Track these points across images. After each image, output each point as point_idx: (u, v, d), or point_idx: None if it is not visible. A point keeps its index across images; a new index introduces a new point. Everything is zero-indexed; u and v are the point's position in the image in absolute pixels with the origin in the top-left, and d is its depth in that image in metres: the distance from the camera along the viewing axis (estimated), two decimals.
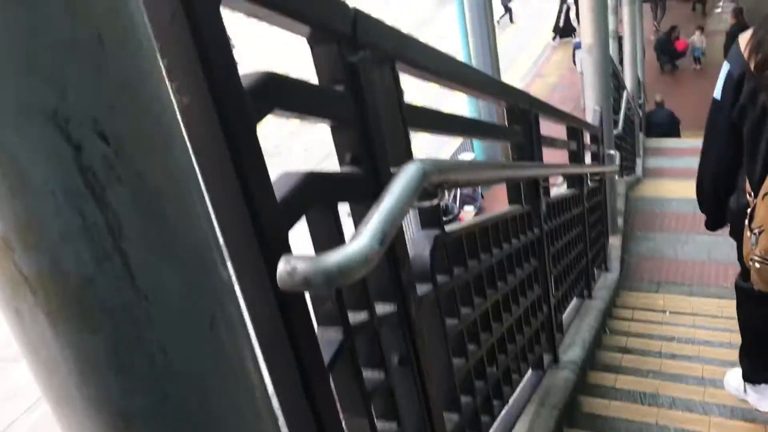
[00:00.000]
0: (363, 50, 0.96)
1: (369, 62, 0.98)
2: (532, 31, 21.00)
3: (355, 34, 0.94)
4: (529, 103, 2.13)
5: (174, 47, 0.64)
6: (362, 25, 0.96)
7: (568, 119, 3.20)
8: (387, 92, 1.09)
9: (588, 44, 4.45)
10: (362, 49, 0.96)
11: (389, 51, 1.09)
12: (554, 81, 17.26)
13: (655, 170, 9.42)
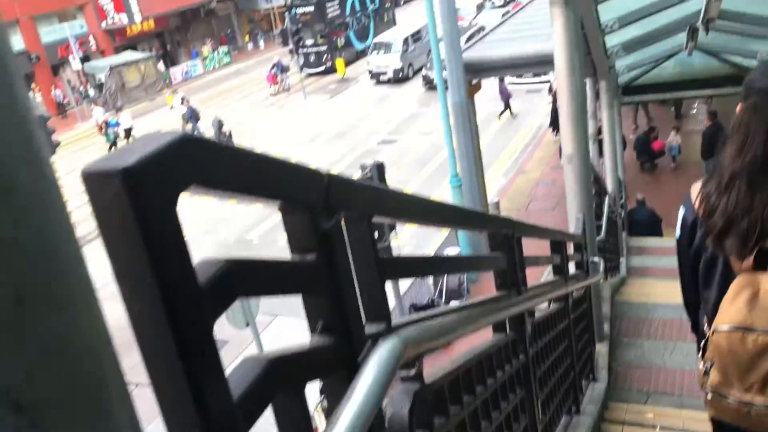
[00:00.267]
0: (337, 215, 0.93)
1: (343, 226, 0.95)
2: (514, 129, 21.59)
3: (329, 200, 0.91)
4: (511, 228, 2.10)
5: (123, 251, 0.59)
6: (336, 190, 0.93)
7: (551, 234, 3.19)
8: (363, 250, 1.05)
9: (568, 154, 4.53)
10: (336, 213, 0.93)
11: (365, 210, 1.05)
12: (537, 177, 17.58)
13: (640, 270, 9.45)
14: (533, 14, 14.46)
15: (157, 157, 0.60)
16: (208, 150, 0.67)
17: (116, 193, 0.59)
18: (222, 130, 21.67)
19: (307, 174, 0.87)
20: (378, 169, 9.95)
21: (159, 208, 0.61)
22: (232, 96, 32.23)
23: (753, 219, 1.77)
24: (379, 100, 27.43)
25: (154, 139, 0.63)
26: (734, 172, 1.83)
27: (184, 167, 0.63)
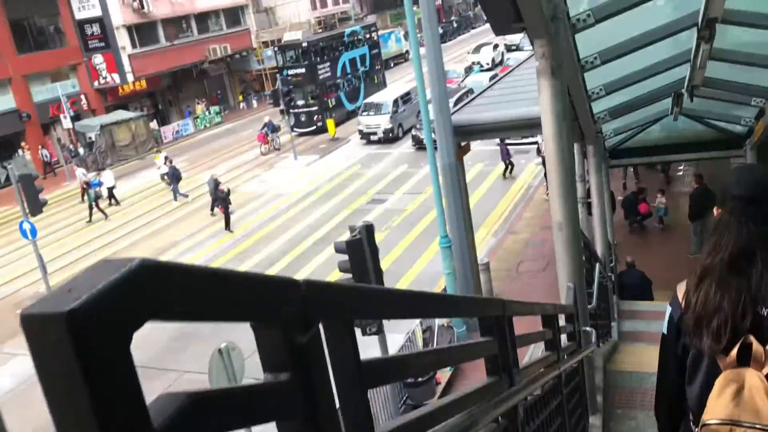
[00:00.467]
0: (314, 326, 0.86)
1: (321, 338, 0.88)
2: (504, 189, 21.72)
3: (306, 311, 0.84)
4: (502, 309, 2.03)
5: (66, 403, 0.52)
6: (315, 298, 0.86)
7: (542, 308, 3.12)
8: (344, 359, 0.97)
9: (558, 222, 4.50)
10: (314, 325, 0.86)
11: (347, 315, 0.98)
12: (526, 237, 17.60)
13: (631, 334, 9.35)
14: (520, 77, 14.73)
15: (107, 294, 0.53)
16: (169, 277, 0.60)
17: (59, 339, 0.52)
18: (219, 188, 21.54)
19: (281, 286, 0.80)
20: (367, 231, 9.87)
21: (108, 353, 0.54)
22: (222, 155, 32.39)
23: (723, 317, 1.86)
24: (369, 159, 27.63)
25: (106, 269, 0.56)
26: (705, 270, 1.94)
27: (139, 302, 0.56)
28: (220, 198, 21.18)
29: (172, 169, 25.34)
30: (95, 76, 36.01)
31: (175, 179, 25.25)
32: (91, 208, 24.24)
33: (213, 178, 22.59)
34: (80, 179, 25.97)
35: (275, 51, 35.99)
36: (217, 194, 21.32)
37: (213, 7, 41.98)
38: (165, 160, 26.33)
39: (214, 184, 22.22)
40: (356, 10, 59.60)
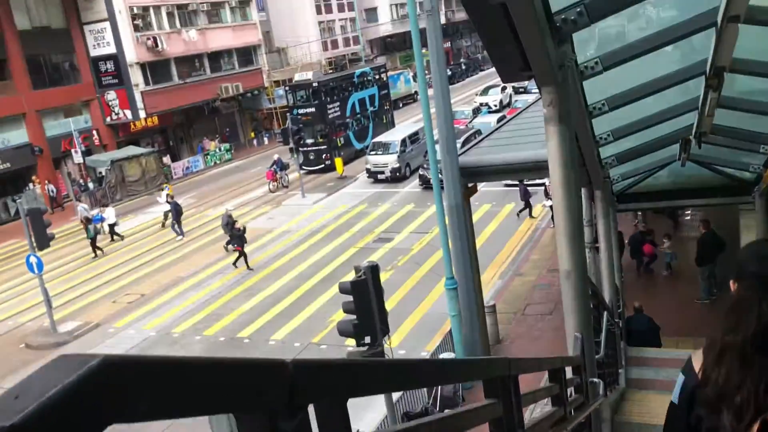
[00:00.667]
0: (303, 410, 0.80)
1: (309, 421, 0.82)
2: (511, 230, 21.64)
3: (293, 395, 0.78)
4: (507, 368, 1.96)
5: None
6: (303, 379, 0.80)
7: (549, 363, 3.04)
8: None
9: (566, 270, 4.43)
10: (302, 408, 0.80)
11: (339, 394, 0.93)
12: (533, 280, 17.45)
13: (639, 381, 9.17)
14: (528, 120, 14.80)
15: (59, 402, 0.47)
16: (135, 375, 0.55)
17: None
18: (236, 226, 21.30)
19: (267, 370, 0.75)
20: (372, 271, 9.81)
21: None
22: (231, 192, 32.52)
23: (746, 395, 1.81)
24: (376, 198, 27.66)
25: (64, 368, 0.50)
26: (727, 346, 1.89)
27: (99, 406, 0.51)
28: (236, 236, 20.91)
29: (173, 205, 25.43)
30: (108, 112, 36.47)
31: (177, 215, 25.35)
32: (92, 245, 24.23)
33: (227, 214, 22.53)
34: (81, 214, 26.00)
35: (286, 90, 36.40)
36: (233, 232, 21.11)
37: (226, 46, 42.64)
38: (167, 198, 26.41)
39: (227, 220, 22.15)
40: (367, 52, 60.45)
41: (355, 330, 9.02)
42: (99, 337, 17.18)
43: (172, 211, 25.28)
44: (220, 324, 17.03)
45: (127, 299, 19.62)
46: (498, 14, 3.24)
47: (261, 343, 15.61)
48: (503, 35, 3.42)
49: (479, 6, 3.18)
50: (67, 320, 18.29)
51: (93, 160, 33.85)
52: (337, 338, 10.53)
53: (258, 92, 45.94)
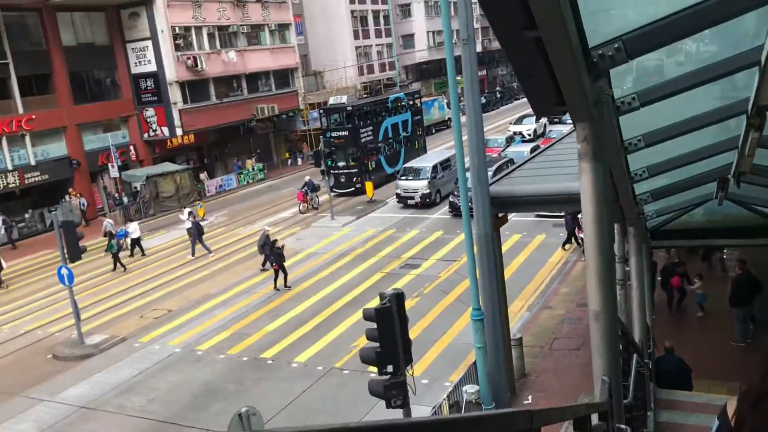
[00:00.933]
0: None
1: None
2: (541, 261, 21.35)
3: None
4: (529, 420, 1.86)
5: None
6: None
7: (574, 411, 2.91)
8: None
9: (595, 311, 4.29)
10: None
11: None
12: (562, 314, 17.13)
13: (669, 426, 8.88)
14: (562, 151, 14.66)
15: None
16: None
17: None
18: (276, 245, 21.02)
19: None
20: (397, 299, 9.72)
21: None
22: (262, 211, 32.78)
23: None
24: (405, 224, 27.59)
25: None
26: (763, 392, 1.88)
27: None
28: (276, 254, 20.76)
29: (194, 225, 25.75)
30: (145, 128, 37.16)
31: (198, 234, 25.62)
32: (114, 259, 24.57)
33: (264, 233, 22.52)
34: (105, 228, 26.42)
35: (320, 113, 36.73)
36: (273, 249, 20.98)
37: (264, 68, 43.28)
38: (189, 216, 26.66)
39: (264, 240, 22.17)
40: (402, 77, 60.88)
41: (378, 358, 8.92)
42: (125, 351, 17.28)
43: (194, 230, 25.62)
44: (245, 343, 17.02)
45: (155, 314, 19.76)
46: (532, 47, 3.18)
47: (284, 366, 15.54)
48: (538, 69, 3.36)
49: (513, 38, 3.13)
50: (95, 333, 18.46)
51: (129, 175, 34.45)
52: (361, 364, 10.43)
53: (293, 114, 46.45)
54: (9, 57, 30.68)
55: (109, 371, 16.17)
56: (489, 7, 2.80)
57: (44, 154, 32.26)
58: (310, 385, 14.43)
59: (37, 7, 31.61)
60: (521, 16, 2.81)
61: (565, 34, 2.95)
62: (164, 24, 35.86)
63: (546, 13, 2.73)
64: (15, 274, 25.77)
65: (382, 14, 59.16)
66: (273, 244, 21.18)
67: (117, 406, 14.34)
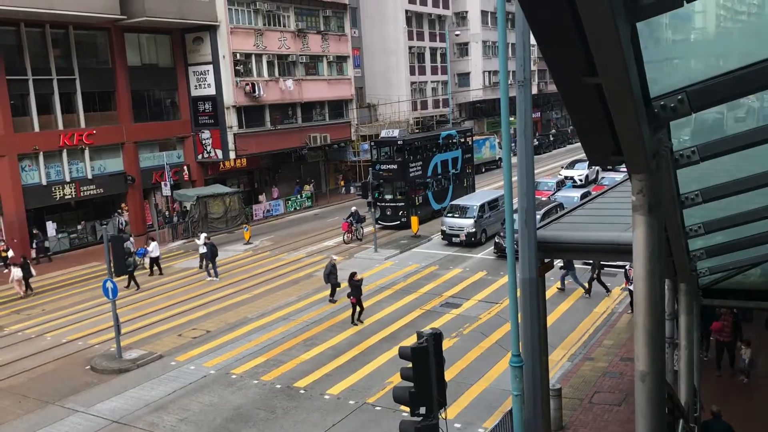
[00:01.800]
0: None
1: None
2: (585, 311, 20.79)
3: None
4: None
5: None
6: None
7: None
8: None
9: (641, 371, 4.07)
10: None
11: None
12: (604, 366, 16.59)
13: None
14: (614, 199, 14.35)
15: None
16: None
17: None
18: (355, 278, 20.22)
19: None
20: (434, 339, 9.54)
21: None
22: (307, 238, 32.98)
23: None
24: (448, 261, 27.34)
25: None
26: None
27: None
28: (354, 287, 20.03)
29: (209, 246, 26.17)
30: (200, 150, 38.00)
31: (211, 256, 26.07)
32: (131, 277, 25.00)
33: (331, 263, 22.28)
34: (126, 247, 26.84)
35: (371, 145, 36.98)
36: (351, 283, 20.10)
37: (319, 98, 43.98)
38: (204, 240, 26.98)
39: (330, 269, 21.92)
40: (455, 115, 61.06)
41: (411, 398, 8.73)
42: (160, 368, 17.40)
43: (207, 254, 26.10)
44: (279, 370, 16.95)
45: (193, 334, 19.90)
46: (592, 94, 3.07)
47: (316, 397, 15.39)
48: (595, 116, 3.24)
49: (572, 84, 3.02)
50: (133, 348, 18.67)
51: (180, 194, 35.17)
52: (393, 402, 10.22)
53: (344, 144, 46.95)
54: (76, 73, 31.91)
55: (144, 387, 16.28)
56: (549, 52, 2.71)
57: (101, 169, 33.23)
58: (341, 419, 14.24)
59: (108, 27, 32.88)
60: (582, 61, 2.71)
61: (626, 83, 2.84)
62: (226, 50, 36.84)
63: (608, 59, 2.63)
64: (63, 283, 26.38)
65: (439, 52, 59.67)
66: (351, 277, 20.41)
67: (148, 423, 14.38)
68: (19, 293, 24.72)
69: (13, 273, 24.60)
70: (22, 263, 24.95)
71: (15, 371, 17.65)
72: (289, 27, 41.18)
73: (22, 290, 24.77)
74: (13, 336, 20.53)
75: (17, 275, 24.54)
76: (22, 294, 24.73)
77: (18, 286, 24.70)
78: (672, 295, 9.14)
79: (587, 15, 2.36)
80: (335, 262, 22.40)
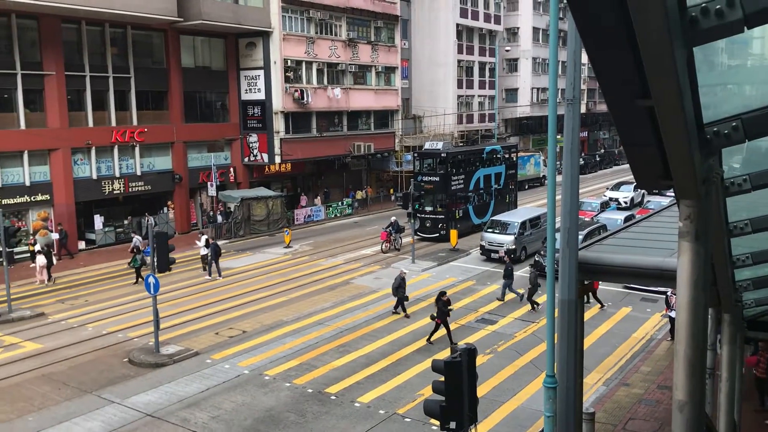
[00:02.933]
0: None
1: None
2: (623, 335, 20.40)
3: None
4: None
5: None
6: None
7: None
8: None
9: (680, 401, 3.99)
10: None
11: None
12: (640, 393, 16.24)
13: None
14: (659, 224, 14.06)
15: None
16: None
17: None
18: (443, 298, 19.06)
19: None
20: (468, 355, 9.51)
21: None
22: (345, 245, 33.15)
23: None
24: (486, 277, 27.15)
25: None
26: None
27: None
28: (442, 310, 18.84)
29: (213, 246, 26.67)
30: (247, 153, 38.59)
31: (216, 255, 26.55)
32: (138, 273, 25.67)
33: (401, 275, 21.75)
34: (133, 244, 27.63)
35: (414, 156, 37.03)
36: (440, 305, 18.93)
37: (366, 107, 44.29)
38: (207, 242, 27.32)
39: (399, 282, 21.45)
40: (500, 130, 60.75)
41: (442, 412, 8.71)
42: (196, 365, 17.65)
43: (211, 253, 26.57)
44: (311, 375, 17.04)
45: (229, 333, 20.16)
46: (643, 117, 3.05)
47: (347, 404, 15.41)
48: (646, 140, 3.21)
49: (624, 106, 3.01)
50: (170, 343, 18.99)
51: (225, 195, 35.77)
52: (424, 414, 10.19)
53: (387, 154, 47.13)
54: (132, 72, 32.79)
55: (179, 383, 16.54)
56: (602, 73, 2.70)
57: (150, 166, 34.02)
58: (369, 428, 14.23)
59: (164, 28, 33.72)
60: (635, 83, 2.70)
61: (680, 107, 2.81)
62: (278, 56, 37.41)
63: (663, 83, 2.61)
64: (108, 276, 27.01)
65: (488, 66, 59.53)
66: (439, 296, 19.20)
67: (181, 419, 14.59)
68: (42, 281, 25.75)
69: (38, 260, 25.69)
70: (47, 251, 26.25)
71: (57, 359, 18.12)
72: (340, 36, 41.61)
73: (44, 278, 25.82)
74: (57, 324, 21.10)
75: (41, 263, 25.63)
76: (44, 282, 25.77)
77: (40, 273, 25.77)
78: (714, 325, 8.92)
79: (644, 38, 2.35)
80: (404, 275, 21.98)
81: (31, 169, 29.65)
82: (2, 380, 16.72)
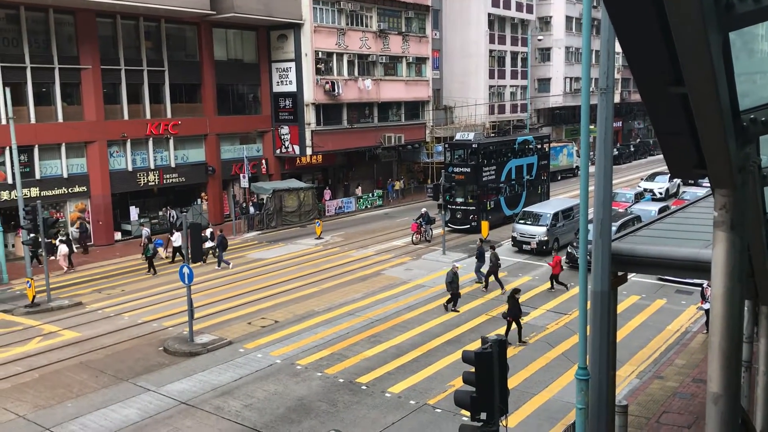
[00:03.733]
0: None
1: None
2: (658, 328, 20.14)
3: None
4: None
5: None
6: None
7: None
8: None
9: (714, 393, 3.94)
10: None
11: None
12: (675, 386, 16.02)
13: None
14: (694, 215, 13.81)
15: None
16: None
17: None
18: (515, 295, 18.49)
19: None
20: (499, 346, 9.47)
21: None
22: (375, 236, 33.22)
23: None
24: (517, 269, 26.98)
25: None
26: None
27: None
28: (512, 305, 18.29)
29: (220, 238, 27.08)
30: (278, 145, 38.87)
31: (222, 247, 27.00)
32: (150, 263, 26.34)
33: (453, 270, 21.44)
34: (144, 236, 28.39)
35: (445, 147, 36.88)
36: (510, 301, 18.48)
37: (396, 98, 44.20)
38: (211, 235, 27.57)
39: (452, 277, 21.16)
40: (533, 120, 60.14)
41: (473, 403, 8.69)
42: (229, 354, 17.90)
43: (219, 245, 26.99)
44: (343, 365, 17.16)
45: (262, 323, 20.38)
46: (677, 105, 3.00)
47: (377, 394, 15.49)
48: (680, 128, 3.16)
49: (657, 94, 2.96)
50: (204, 332, 19.27)
51: (257, 187, 36.11)
52: (454, 405, 10.19)
53: (418, 146, 47.01)
54: (165, 65, 33.22)
55: (212, 372, 16.79)
56: (634, 60, 2.66)
57: (184, 158, 34.48)
58: (400, 418, 14.29)
59: (197, 21, 34.06)
60: (668, 70, 2.65)
61: (714, 94, 2.76)
62: (309, 48, 37.52)
63: (696, 69, 2.57)
64: (143, 266, 27.47)
65: (520, 56, 58.93)
66: (512, 294, 18.66)
67: (214, 407, 14.83)
68: (63, 268, 26.64)
69: (60, 249, 26.49)
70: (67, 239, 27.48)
71: (94, 347, 18.54)
72: (371, 27, 41.56)
73: (66, 266, 26.75)
74: (94, 313, 21.57)
75: (63, 251, 26.52)
76: (65, 269, 26.68)
77: (63, 261, 26.63)
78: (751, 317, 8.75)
79: (677, 23, 2.31)
80: (457, 270, 21.74)
81: (69, 161, 30.29)
82: (42, 368, 17.17)
